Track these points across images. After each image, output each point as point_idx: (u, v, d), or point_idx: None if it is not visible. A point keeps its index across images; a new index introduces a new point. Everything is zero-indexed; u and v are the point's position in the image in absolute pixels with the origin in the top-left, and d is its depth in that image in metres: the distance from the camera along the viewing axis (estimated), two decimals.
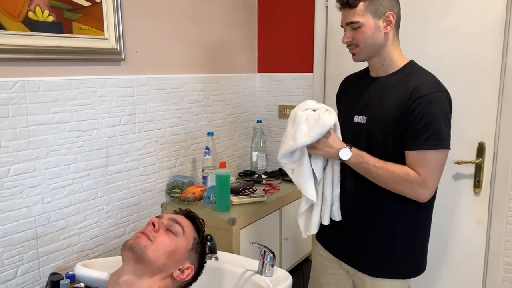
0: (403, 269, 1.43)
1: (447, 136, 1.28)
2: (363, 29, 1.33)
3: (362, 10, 1.31)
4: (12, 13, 1.33)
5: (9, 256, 1.39)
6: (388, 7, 1.32)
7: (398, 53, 1.40)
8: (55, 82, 1.47)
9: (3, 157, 1.34)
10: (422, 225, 1.42)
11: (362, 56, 1.40)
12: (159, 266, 1.06)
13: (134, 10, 1.73)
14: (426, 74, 1.35)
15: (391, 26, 1.34)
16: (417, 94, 1.26)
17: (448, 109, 1.29)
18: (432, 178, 1.28)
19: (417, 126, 1.26)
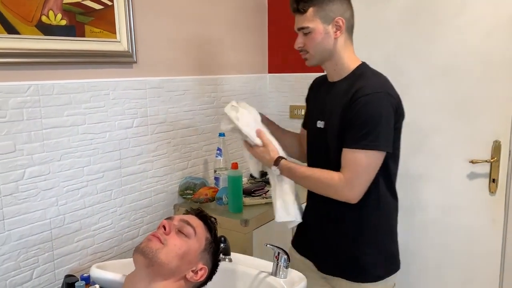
0: (375, 271, 1.40)
1: (382, 138, 1.25)
2: (312, 35, 1.33)
3: (312, 16, 1.31)
4: (26, 17, 1.34)
5: (25, 258, 1.40)
6: (338, 12, 1.32)
7: (350, 57, 1.39)
8: (68, 85, 1.48)
9: (18, 160, 1.36)
10: (385, 227, 1.42)
11: (313, 62, 1.40)
12: (172, 269, 1.06)
13: (145, 12, 1.74)
14: (373, 76, 1.34)
15: (341, 31, 1.33)
16: (358, 94, 1.26)
17: (388, 110, 1.27)
18: (358, 179, 1.26)
19: (353, 125, 1.26)
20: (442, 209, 2.09)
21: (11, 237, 1.36)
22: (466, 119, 1.96)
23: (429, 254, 2.14)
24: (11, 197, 1.35)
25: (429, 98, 2.04)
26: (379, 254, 1.39)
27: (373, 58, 2.16)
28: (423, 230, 2.14)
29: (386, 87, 1.30)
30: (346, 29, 1.35)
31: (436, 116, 2.03)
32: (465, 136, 1.97)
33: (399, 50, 2.10)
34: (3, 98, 1.31)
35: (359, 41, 2.19)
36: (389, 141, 1.27)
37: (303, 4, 1.32)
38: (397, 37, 2.10)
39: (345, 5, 1.34)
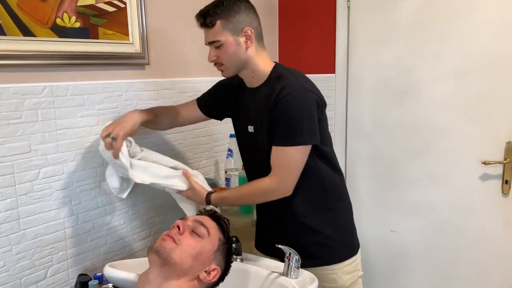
0: (341, 250, 1.52)
1: (307, 133, 1.33)
2: (225, 47, 1.36)
3: (220, 29, 1.34)
4: (41, 20, 1.37)
5: (40, 257, 1.42)
6: (245, 23, 1.35)
7: (264, 63, 1.43)
8: (82, 87, 1.50)
9: (33, 160, 1.38)
10: (336, 204, 1.53)
11: (229, 73, 1.44)
12: (185, 269, 1.07)
13: (157, 14, 1.75)
14: (291, 76, 1.39)
15: (251, 40, 1.37)
16: (280, 95, 1.33)
17: (309, 106, 1.34)
18: (289, 173, 1.36)
19: (279, 124, 1.34)
20: (454, 211, 2.07)
21: (26, 236, 1.38)
22: (478, 120, 1.95)
23: (441, 256, 2.13)
24: (26, 196, 1.37)
25: (441, 99, 2.03)
26: (338, 231, 1.50)
27: (383, 58, 2.17)
28: (435, 232, 2.13)
29: (305, 84, 1.37)
30: (256, 37, 1.39)
31: (448, 116, 2.02)
32: (477, 137, 1.96)
33: (410, 50, 2.09)
34: (19, 99, 1.33)
35: (369, 40, 2.20)
36: (314, 134, 1.35)
37: (210, 18, 1.34)
38: (407, 37, 2.09)
39: (251, 15, 1.37)
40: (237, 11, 1.34)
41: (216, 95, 1.63)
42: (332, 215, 1.50)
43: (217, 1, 1.35)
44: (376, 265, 2.32)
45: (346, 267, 1.50)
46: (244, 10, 1.35)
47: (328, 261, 1.49)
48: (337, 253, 1.50)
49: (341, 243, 1.52)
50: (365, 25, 2.22)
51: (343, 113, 2.33)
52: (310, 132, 1.34)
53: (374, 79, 2.22)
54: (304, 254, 1.39)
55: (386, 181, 2.26)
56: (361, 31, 2.23)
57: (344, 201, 1.57)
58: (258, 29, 1.40)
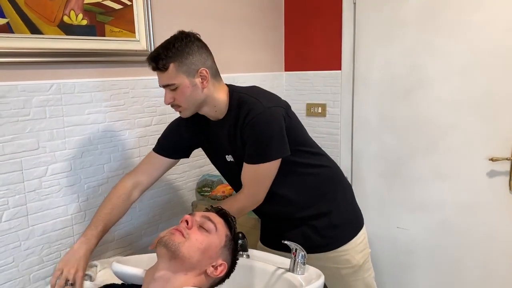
0: (342, 234, 1.53)
1: (276, 149, 1.35)
2: (180, 90, 1.31)
3: (174, 72, 1.28)
4: (49, 17, 1.38)
5: (48, 253, 1.44)
6: (199, 63, 1.31)
7: (222, 94, 1.39)
8: (89, 84, 1.51)
9: (41, 157, 1.39)
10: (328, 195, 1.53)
11: (188, 113, 1.39)
12: (193, 263, 1.07)
13: (163, 12, 1.76)
14: (249, 99, 1.36)
15: (207, 80, 1.33)
16: (246, 120, 1.33)
17: (276, 123, 1.34)
18: (259, 188, 1.41)
19: (249, 145, 1.36)
20: (461, 207, 2.07)
21: (34, 232, 1.40)
22: (485, 117, 1.94)
23: (448, 253, 2.12)
24: (35, 193, 1.38)
25: (448, 95, 2.02)
26: (339, 210, 1.52)
27: (390, 55, 2.17)
28: (442, 228, 2.12)
29: (266, 102, 1.35)
30: (212, 75, 1.35)
31: (455, 113, 2.01)
32: (484, 133, 1.95)
33: (416, 47, 2.08)
34: (27, 96, 1.34)
35: (375, 37, 2.20)
36: (283, 148, 1.37)
37: (162, 62, 1.27)
38: (413, 33, 2.08)
39: (204, 54, 1.33)
40: (190, 52, 1.29)
41: (174, 135, 1.53)
42: (329, 198, 1.52)
43: (167, 43, 1.29)
44: (382, 261, 2.32)
45: (357, 246, 1.53)
46: (197, 51, 1.31)
47: (338, 243, 1.51)
48: (346, 232, 1.53)
49: (346, 221, 1.55)
50: (371, 21, 2.21)
51: (349, 110, 2.32)
52: (279, 148, 1.36)
53: (380, 76, 2.21)
54: (313, 242, 1.44)
55: (392, 178, 2.25)
56: (367, 28, 2.22)
57: (337, 181, 1.58)
58: (213, 67, 1.36)
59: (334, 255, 1.51)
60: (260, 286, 1.37)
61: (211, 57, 1.36)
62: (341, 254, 1.52)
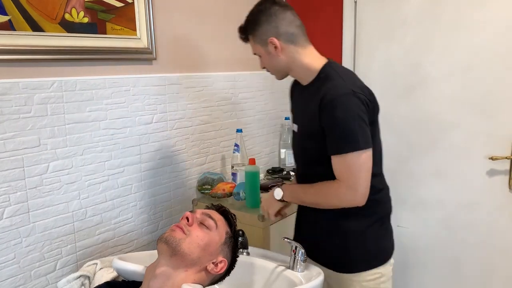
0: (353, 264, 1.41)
1: (361, 137, 1.25)
2: (262, 58, 1.42)
3: (253, 43, 1.41)
4: (50, 15, 1.38)
5: (49, 249, 1.44)
6: (267, 34, 1.35)
7: (310, 62, 1.38)
8: (91, 82, 1.51)
9: (43, 154, 1.40)
10: (365, 222, 1.40)
11: (278, 77, 1.48)
12: (194, 259, 1.08)
13: (165, 10, 1.76)
14: (338, 78, 1.32)
15: (279, 49, 1.35)
16: (325, 100, 1.27)
17: (358, 109, 1.25)
18: (356, 180, 1.25)
19: (329, 132, 1.28)
20: (461, 206, 2.07)
21: (35, 229, 1.40)
22: (486, 115, 1.94)
23: (448, 251, 2.13)
24: (36, 190, 1.39)
25: (448, 94, 2.02)
26: (361, 247, 1.40)
27: (390, 53, 2.17)
28: (442, 227, 2.13)
29: (352, 86, 1.28)
30: (287, 41, 1.35)
31: (455, 112, 2.02)
32: (484, 132, 1.95)
33: (417, 46, 2.08)
34: (28, 94, 1.34)
35: (376, 36, 2.20)
36: (367, 138, 1.27)
37: (242, 35, 1.44)
38: (414, 32, 2.08)
39: (273, 22, 1.35)
40: (258, 23, 1.36)
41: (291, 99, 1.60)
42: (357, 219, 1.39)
43: (248, 14, 1.41)
44: None
45: (365, 282, 1.40)
46: (265, 21, 1.35)
47: (344, 267, 1.42)
48: (356, 261, 1.40)
49: (362, 250, 1.40)
50: (372, 20, 2.21)
51: None
52: (363, 136, 1.25)
53: (381, 74, 2.21)
54: (323, 257, 1.43)
55: (393, 176, 2.23)
56: (368, 26, 2.23)
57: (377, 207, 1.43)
58: (288, 33, 1.35)
59: (338, 277, 1.43)
60: (260, 283, 1.38)
61: (284, 23, 1.35)
62: (344, 280, 1.42)
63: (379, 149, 1.42)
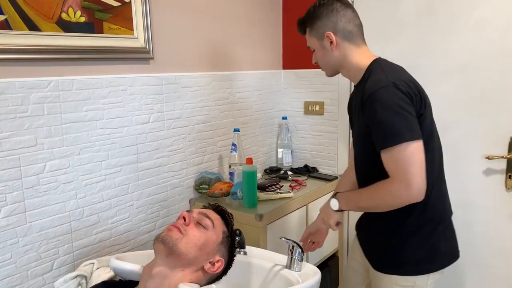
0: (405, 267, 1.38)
1: (404, 128, 1.19)
2: (316, 52, 1.44)
3: (309, 36, 1.42)
4: (47, 14, 1.38)
5: (46, 249, 1.44)
6: (325, 28, 1.36)
7: (360, 61, 1.38)
8: (87, 81, 1.51)
9: (39, 153, 1.39)
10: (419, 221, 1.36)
11: (328, 74, 1.48)
12: (191, 259, 1.08)
13: (162, 9, 1.76)
14: (380, 72, 1.30)
15: (334, 44, 1.36)
16: (365, 96, 1.26)
17: (398, 100, 1.21)
18: (407, 174, 1.18)
19: (373, 127, 1.25)
20: (457, 205, 2.06)
21: (32, 229, 1.40)
22: (482, 115, 1.95)
23: None
24: (33, 189, 1.39)
25: (444, 94, 2.03)
26: (417, 248, 1.36)
27: (387, 53, 2.15)
28: None
29: (393, 78, 1.25)
30: (343, 38, 1.36)
31: (452, 111, 2.02)
32: (481, 132, 1.96)
33: (414, 46, 2.09)
34: (25, 93, 1.34)
35: (372, 36, 2.19)
36: (413, 128, 1.21)
37: (300, 27, 1.46)
38: (411, 32, 2.09)
39: (333, 18, 1.36)
40: (317, 16, 1.38)
41: None
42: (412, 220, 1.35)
43: (309, 8, 1.43)
44: None
45: (394, 286, 1.38)
46: (325, 15, 1.36)
47: (382, 266, 1.41)
48: (398, 263, 1.38)
49: (408, 253, 1.36)
50: (368, 20, 2.20)
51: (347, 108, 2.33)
52: (408, 128, 1.20)
53: None
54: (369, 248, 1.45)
55: None
56: (365, 26, 2.21)
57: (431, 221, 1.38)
58: (346, 30, 1.36)
59: (376, 275, 1.42)
60: (257, 283, 1.38)
61: (344, 19, 1.36)
62: (380, 280, 1.41)
63: (432, 142, 1.34)
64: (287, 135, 2.46)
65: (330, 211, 1.46)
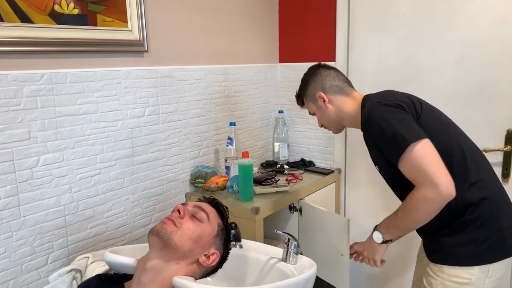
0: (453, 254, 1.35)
1: (405, 133, 1.23)
2: (316, 115, 1.59)
3: (307, 103, 1.60)
4: (39, 6, 1.36)
5: (40, 243, 1.43)
6: (315, 90, 1.53)
7: (355, 105, 1.49)
8: (81, 74, 1.50)
9: (33, 147, 1.38)
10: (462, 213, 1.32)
11: (334, 131, 1.62)
12: (185, 252, 1.08)
13: (156, 1, 1.74)
14: (367, 101, 1.43)
15: (327, 100, 1.52)
16: (362, 124, 1.39)
17: (389, 112, 1.30)
18: (427, 174, 1.19)
19: (382, 146, 1.33)
20: None
21: (26, 223, 1.39)
22: (478, 108, 1.94)
23: None
24: (26, 183, 1.38)
25: (441, 86, 2.02)
26: (461, 238, 1.33)
27: (384, 46, 2.16)
28: None
29: (377, 99, 1.37)
30: (333, 93, 1.52)
31: (448, 105, 2.01)
32: (477, 124, 1.95)
33: (410, 38, 2.08)
34: (18, 86, 1.33)
35: (369, 29, 2.19)
36: (413, 130, 1.24)
37: (298, 100, 1.63)
38: (408, 25, 2.08)
39: (319, 80, 1.53)
40: (307, 83, 1.57)
41: None
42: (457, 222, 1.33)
43: (299, 84, 1.61)
44: None
45: (450, 280, 1.34)
46: (312, 81, 1.55)
47: (434, 257, 1.40)
48: (450, 253, 1.35)
49: (459, 244, 1.34)
50: (365, 13, 2.20)
51: None
52: (408, 131, 1.24)
53: (374, 67, 2.21)
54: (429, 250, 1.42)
55: None
56: (362, 19, 2.22)
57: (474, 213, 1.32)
58: (333, 85, 1.52)
59: (428, 265, 1.42)
60: (253, 276, 1.38)
61: (330, 77, 1.53)
62: (429, 271, 1.40)
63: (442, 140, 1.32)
64: (284, 129, 2.45)
65: (375, 245, 1.44)
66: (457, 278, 1.34)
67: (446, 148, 1.31)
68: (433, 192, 1.18)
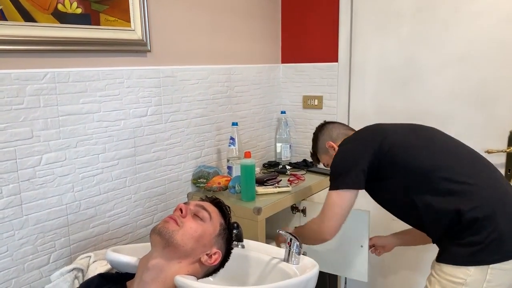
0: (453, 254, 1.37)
1: (343, 180, 1.47)
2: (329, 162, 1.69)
3: (321, 157, 1.77)
4: (43, 5, 1.36)
5: (42, 242, 1.43)
6: (325, 142, 1.71)
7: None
8: (84, 73, 1.50)
9: (35, 146, 1.38)
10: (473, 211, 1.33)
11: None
12: (187, 251, 1.07)
13: (159, 1, 1.74)
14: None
15: (334, 147, 1.66)
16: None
17: (344, 156, 1.54)
18: (326, 214, 1.50)
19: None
20: None
21: (28, 222, 1.39)
22: (481, 108, 1.94)
23: None
24: (29, 182, 1.38)
25: (443, 86, 2.02)
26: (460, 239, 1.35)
27: (386, 46, 2.16)
28: None
29: (347, 141, 1.60)
30: (340, 140, 1.65)
31: (451, 104, 2.01)
32: (480, 125, 1.95)
33: (413, 38, 2.08)
34: (21, 85, 1.33)
35: (372, 28, 2.19)
36: (353, 180, 1.46)
37: (313, 158, 1.82)
38: (410, 24, 2.08)
39: (326, 133, 1.72)
40: (317, 140, 1.75)
41: None
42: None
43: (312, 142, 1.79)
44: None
45: (449, 278, 1.35)
46: (321, 135, 1.73)
47: (439, 256, 1.42)
48: (452, 252, 1.37)
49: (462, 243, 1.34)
50: (368, 13, 2.20)
51: (346, 102, 2.32)
52: (346, 180, 1.46)
53: (377, 67, 2.21)
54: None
55: None
56: (364, 19, 2.21)
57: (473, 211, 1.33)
58: (340, 133, 1.68)
59: (433, 262, 1.44)
60: (255, 276, 1.37)
61: (335, 128, 1.72)
62: (432, 269, 1.44)
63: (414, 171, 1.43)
64: (286, 130, 2.45)
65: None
66: (453, 277, 1.34)
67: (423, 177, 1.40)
68: (319, 224, 1.52)
